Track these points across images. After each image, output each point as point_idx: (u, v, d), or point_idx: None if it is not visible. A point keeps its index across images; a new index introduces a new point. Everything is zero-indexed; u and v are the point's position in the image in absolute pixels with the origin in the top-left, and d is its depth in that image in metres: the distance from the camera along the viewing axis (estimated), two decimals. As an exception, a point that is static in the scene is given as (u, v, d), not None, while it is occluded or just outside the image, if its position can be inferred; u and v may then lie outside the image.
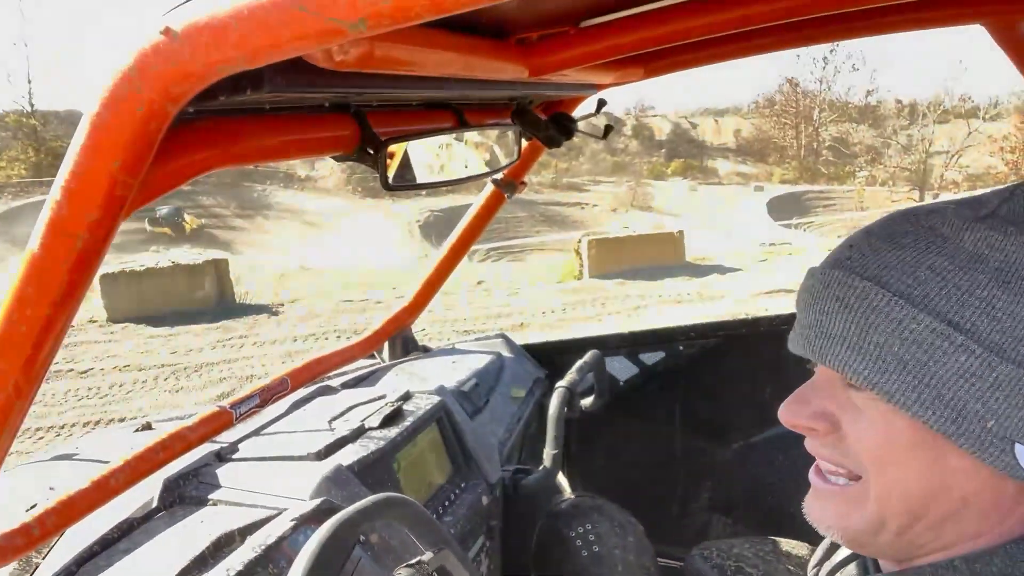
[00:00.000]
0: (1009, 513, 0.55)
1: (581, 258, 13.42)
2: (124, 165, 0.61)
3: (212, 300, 12.41)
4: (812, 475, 0.64)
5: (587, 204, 32.34)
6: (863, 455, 0.57)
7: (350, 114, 0.95)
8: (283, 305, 12.36)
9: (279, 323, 11.06)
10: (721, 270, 13.51)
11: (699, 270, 13.63)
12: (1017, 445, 0.51)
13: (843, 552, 0.77)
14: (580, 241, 13.70)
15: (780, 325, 2.12)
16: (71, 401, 7.99)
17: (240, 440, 1.46)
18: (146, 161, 0.63)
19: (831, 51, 42.36)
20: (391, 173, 0.95)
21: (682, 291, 11.85)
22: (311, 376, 1.86)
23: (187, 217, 27.26)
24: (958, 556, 0.56)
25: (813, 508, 0.64)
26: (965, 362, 0.51)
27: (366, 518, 0.97)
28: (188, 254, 15.21)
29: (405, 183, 0.98)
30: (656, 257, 13.65)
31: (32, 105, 35.98)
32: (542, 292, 12.48)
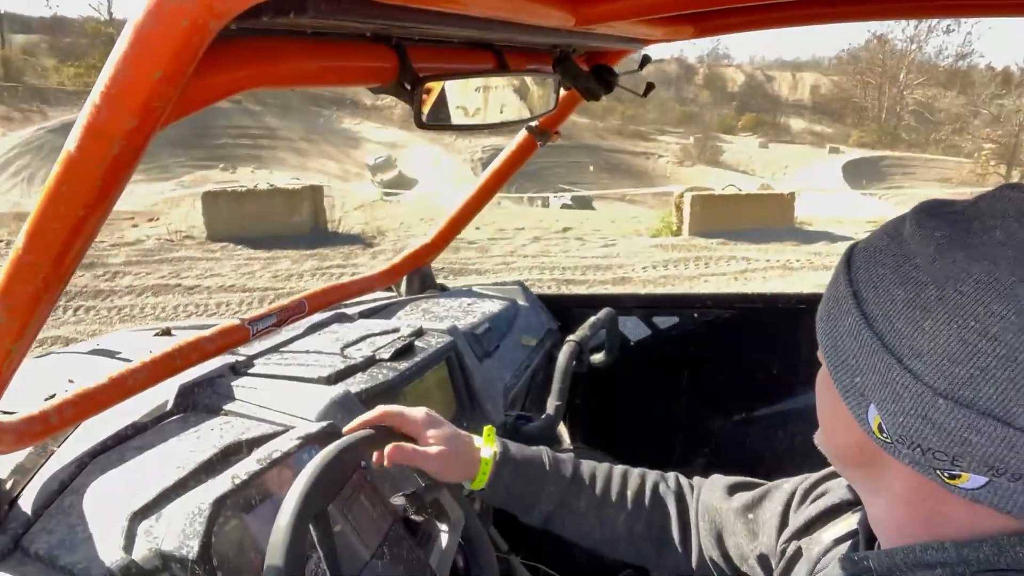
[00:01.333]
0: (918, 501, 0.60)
1: (681, 213, 12.63)
2: (164, 76, 0.62)
3: (307, 226, 12.21)
4: None
5: (652, 154, 31.41)
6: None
7: (391, 46, 0.95)
8: (375, 237, 12.22)
9: (374, 255, 10.97)
10: (831, 237, 12.51)
11: (808, 236, 12.69)
12: (871, 405, 0.57)
13: (835, 530, 0.79)
14: (682, 196, 12.84)
15: (797, 304, 2.12)
16: (181, 317, 8.04)
17: (256, 356, 1.50)
18: (185, 74, 0.63)
19: None
20: (426, 110, 0.94)
21: (791, 257, 11.09)
22: (329, 302, 1.89)
23: None
24: (949, 540, 0.57)
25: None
26: (850, 322, 0.59)
27: (370, 445, 1.01)
28: (284, 178, 15.24)
29: (439, 122, 0.98)
30: (762, 219, 12.73)
31: (111, 13, 35.90)
32: (637, 245, 11.93)
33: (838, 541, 0.79)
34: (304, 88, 0.84)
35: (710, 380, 2.27)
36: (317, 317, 1.80)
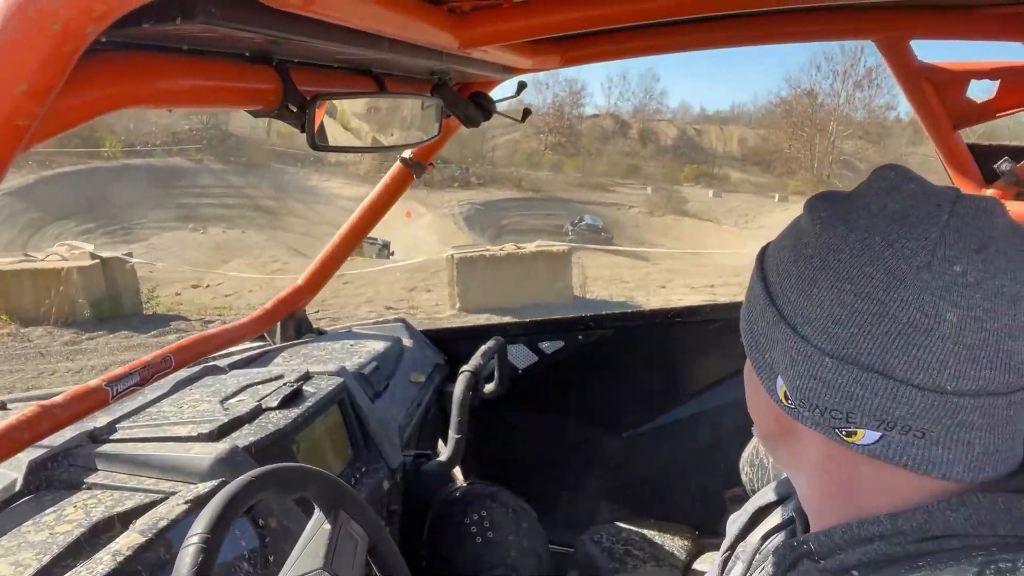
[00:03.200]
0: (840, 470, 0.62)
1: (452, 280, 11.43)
2: (30, 91, 0.53)
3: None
4: None
5: (622, 205, 31.96)
6: None
7: (272, 67, 0.89)
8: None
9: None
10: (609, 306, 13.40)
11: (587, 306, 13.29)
12: (778, 377, 0.60)
13: (768, 524, 0.80)
14: (451, 257, 11.37)
15: (673, 318, 2.20)
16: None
17: (118, 420, 1.35)
18: (54, 89, 0.55)
19: (851, 64, 42.25)
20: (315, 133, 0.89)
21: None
22: (196, 355, 1.74)
23: None
24: (883, 513, 0.59)
25: None
26: (759, 305, 0.63)
27: (261, 485, 0.91)
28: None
29: (327, 145, 0.93)
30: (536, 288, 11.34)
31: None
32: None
33: (766, 536, 0.80)
34: (183, 109, 0.76)
35: (598, 400, 2.31)
36: (184, 373, 1.65)
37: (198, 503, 1.01)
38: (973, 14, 1.49)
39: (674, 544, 2.02)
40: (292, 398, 1.38)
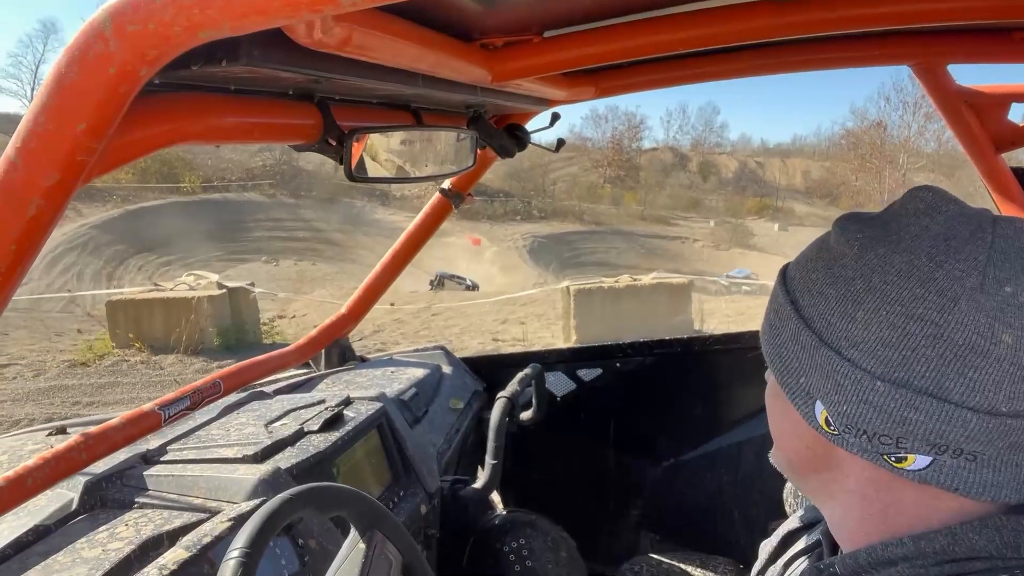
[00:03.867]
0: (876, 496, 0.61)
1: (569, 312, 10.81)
2: (89, 128, 0.58)
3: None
4: None
5: (686, 238, 32.05)
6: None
7: (314, 103, 0.94)
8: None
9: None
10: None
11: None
12: (817, 402, 0.59)
13: (796, 548, 0.80)
14: (567, 289, 10.93)
15: (713, 345, 2.19)
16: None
17: (169, 443, 1.40)
18: (111, 126, 0.60)
19: (922, 96, 40.91)
20: (353, 166, 0.94)
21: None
22: (244, 381, 1.80)
23: None
24: (907, 535, 0.59)
25: None
26: (792, 328, 0.61)
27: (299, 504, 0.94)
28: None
29: (366, 176, 0.97)
30: (654, 314, 10.76)
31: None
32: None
33: (792, 560, 0.80)
34: (229, 143, 0.81)
35: (637, 428, 2.29)
36: (232, 398, 1.71)
37: (240, 521, 1.05)
38: (1012, 37, 1.47)
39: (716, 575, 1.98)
40: (333, 422, 1.42)
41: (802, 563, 0.75)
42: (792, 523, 0.87)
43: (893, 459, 0.56)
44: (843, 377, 0.57)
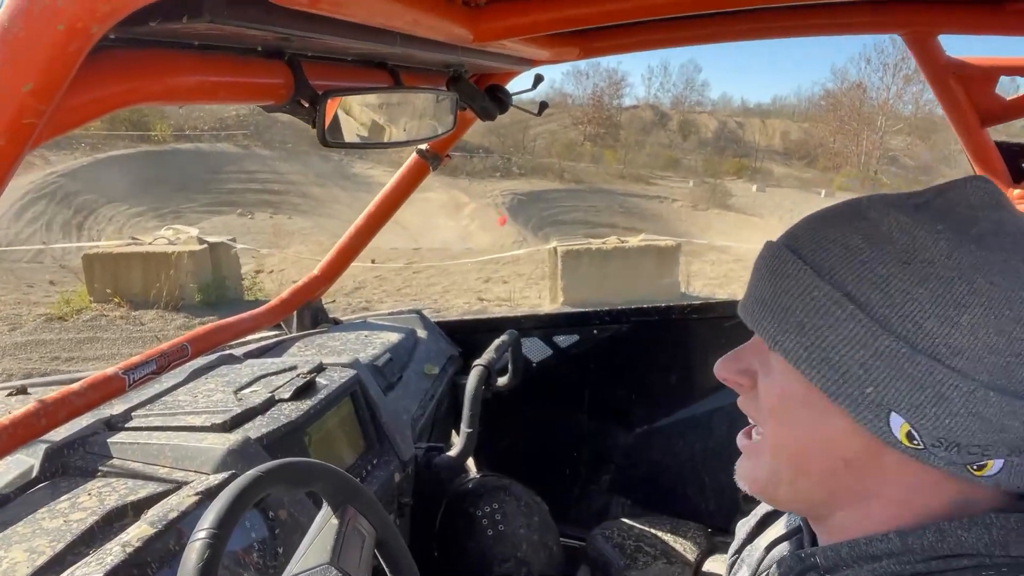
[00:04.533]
0: (898, 485, 0.58)
1: (556, 274, 10.66)
2: (36, 89, 0.53)
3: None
4: (740, 437, 0.68)
5: (665, 198, 31.69)
6: (766, 409, 0.62)
7: (284, 61, 0.89)
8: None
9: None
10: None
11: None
12: (892, 414, 0.54)
13: (774, 532, 0.79)
14: (554, 250, 10.74)
15: (690, 314, 2.19)
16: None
17: (134, 408, 1.36)
18: (61, 87, 0.55)
19: (902, 58, 40.06)
20: (326, 129, 0.89)
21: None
22: (212, 344, 1.76)
23: None
24: (893, 530, 0.58)
25: (738, 467, 0.68)
26: (853, 330, 0.55)
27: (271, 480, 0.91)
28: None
29: (340, 140, 0.92)
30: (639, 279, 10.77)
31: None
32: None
33: (772, 544, 0.79)
34: (194, 105, 0.76)
35: (611, 395, 2.30)
36: (200, 361, 1.66)
37: (208, 495, 1.02)
38: (1004, 8, 1.44)
39: (686, 542, 2.01)
40: (305, 390, 1.39)
41: (783, 549, 0.75)
42: (767, 505, 0.86)
43: (975, 468, 0.54)
44: (948, 388, 0.53)
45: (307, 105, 0.88)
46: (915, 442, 0.55)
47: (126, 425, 1.32)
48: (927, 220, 0.55)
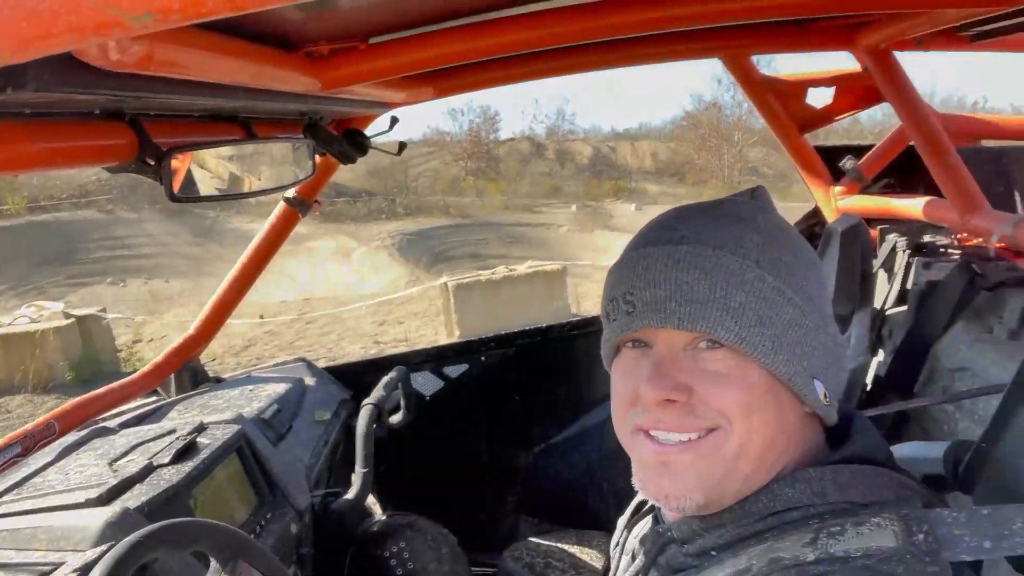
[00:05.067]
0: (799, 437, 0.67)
1: (449, 307, 10.91)
2: None
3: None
4: (654, 453, 0.66)
5: (551, 224, 31.64)
6: (728, 408, 0.62)
7: (125, 122, 0.89)
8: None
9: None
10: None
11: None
12: (816, 381, 0.64)
13: (644, 514, 0.85)
14: (446, 285, 10.86)
15: (571, 331, 2.28)
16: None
17: (0, 494, 1.28)
18: None
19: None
20: (177, 185, 0.90)
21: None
22: (82, 418, 1.68)
23: None
24: (736, 501, 0.65)
25: (667, 480, 0.65)
26: (792, 313, 0.63)
27: (150, 544, 0.89)
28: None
29: (192, 195, 0.93)
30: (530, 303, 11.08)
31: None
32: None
33: (635, 522, 0.86)
34: (32, 171, 0.75)
35: (507, 418, 2.35)
36: (72, 438, 1.58)
37: (86, 570, 0.98)
38: (804, 28, 1.63)
39: (592, 551, 2.07)
40: (185, 452, 1.35)
41: (644, 526, 0.81)
42: (640, 494, 0.93)
43: (828, 400, 0.66)
44: (838, 348, 0.66)
45: (153, 163, 0.89)
46: (827, 400, 0.65)
47: (-9, 514, 1.23)
48: (775, 213, 0.67)
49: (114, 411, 1.81)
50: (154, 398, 1.99)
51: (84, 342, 8.89)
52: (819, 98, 1.76)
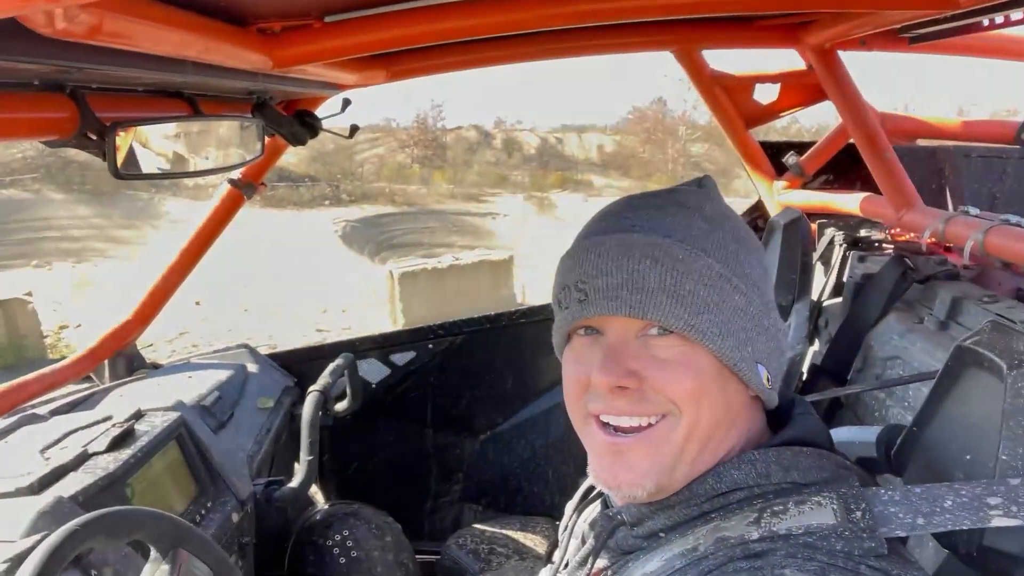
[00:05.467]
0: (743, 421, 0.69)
1: (393, 296, 10.79)
2: None
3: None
4: (607, 443, 0.67)
5: (497, 214, 31.22)
6: (677, 395, 0.64)
7: (66, 94, 0.85)
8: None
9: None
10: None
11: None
12: (759, 365, 0.65)
13: (591, 500, 0.87)
14: (390, 274, 10.91)
15: (519, 319, 2.29)
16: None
17: (-81, 485, 1.21)
18: None
19: None
20: (120, 160, 0.86)
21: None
22: (9, 405, 1.60)
23: None
24: (683, 484, 0.66)
25: (621, 469, 0.66)
26: (738, 300, 0.64)
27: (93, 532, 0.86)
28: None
29: (136, 172, 0.90)
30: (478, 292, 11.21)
31: None
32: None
33: (584, 507, 0.87)
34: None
35: (453, 406, 2.34)
36: (-2, 425, 1.51)
37: (18, 561, 0.94)
38: (753, 25, 1.67)
39: (536, 536, 2.10)
40: (122, 439, 1.30)
41: (594, 510, 0.82)
42: (591, 480, 0.94)
43: (771, 384, 0.68)
44: (779, 333, 0.67)
45: (95, 138, 0.85)
46: (770, 384, 0.66)
47: (-90, 504, 1.17)
48: (721, 201, 0.69)
49: (44, 398, 1.73)
50: (87, 384, 1.91)
51: (7, 327, 8.49)
52: (765, 94, 1.81)
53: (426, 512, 2.40)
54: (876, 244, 1.73)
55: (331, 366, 1.87)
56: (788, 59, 1.83)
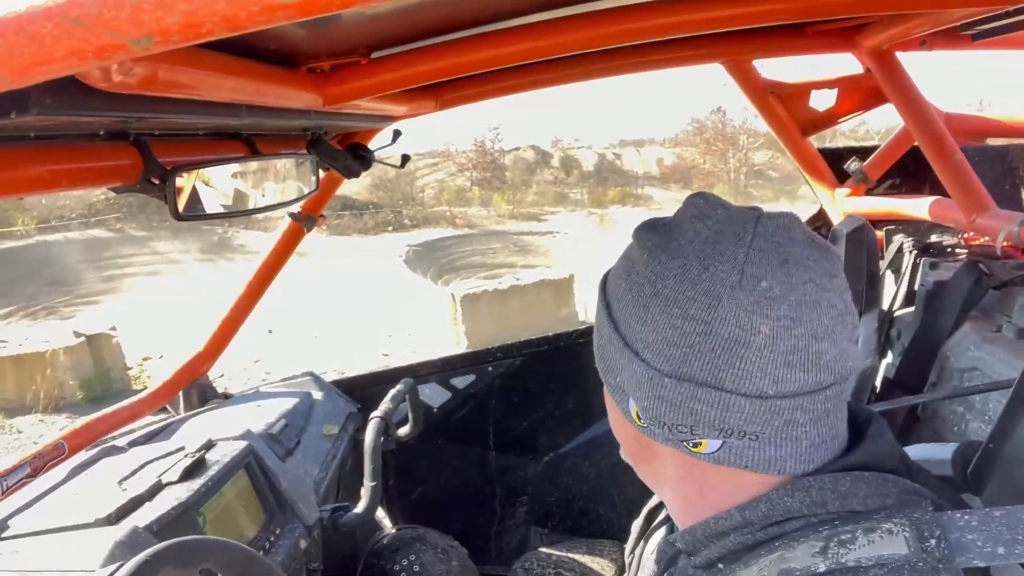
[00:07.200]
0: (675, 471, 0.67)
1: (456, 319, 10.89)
2: None
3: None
4: None
5: (556, 232, 31.78)
6: None
7: (130, 142, 0.89)
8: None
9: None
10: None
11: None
12: (630, 399, 0.64)
13: (656, 523, 0.85)
14: (452, 296, 10.98)
15: (578, 339, 2.27)
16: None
17: (10, 516, 1.28)
18: None
19: None
20: (182, 203, 0.90)
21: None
22: (91, 437, 1.68)
23: None
24: (733, 507, 0.64)
25: None
26: (608, 332, 0.66)
27: (157, 564, 0.89)
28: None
29: (197, 213, 0.94)
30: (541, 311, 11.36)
31: None
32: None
33: (651, 533, 0.86)
34: (38, 194, 0.76)
35: (515, 428, 2.34)
36: (81, 457, 1.59)
37: (97, 592, 0.98)
38: (805, 31, 1.63)
39: (603, 560, 2.06)
40: (194, 469, 1.35)
41: (657, 536, 0.81)
42: (654, 500, 0.93)
43: (691, 445, 0.62)
44: (642, 376, 0.62)
45: (158, 183, 0.89)
46: (642, 421, 0.64)
47: (3, 535, 1.24)
48: (649, 237, 0.65)
49: (123, 429, 1.81)
50: (163, 416, 2.00)
51: (94, 360, 8.94)
52: (822, 100, 1.76)
53: (491, 535, 2.39)
54: (948, 250, 1.65)
55: (392, 392, 1.90)
56: (843, 63, 1.78)
